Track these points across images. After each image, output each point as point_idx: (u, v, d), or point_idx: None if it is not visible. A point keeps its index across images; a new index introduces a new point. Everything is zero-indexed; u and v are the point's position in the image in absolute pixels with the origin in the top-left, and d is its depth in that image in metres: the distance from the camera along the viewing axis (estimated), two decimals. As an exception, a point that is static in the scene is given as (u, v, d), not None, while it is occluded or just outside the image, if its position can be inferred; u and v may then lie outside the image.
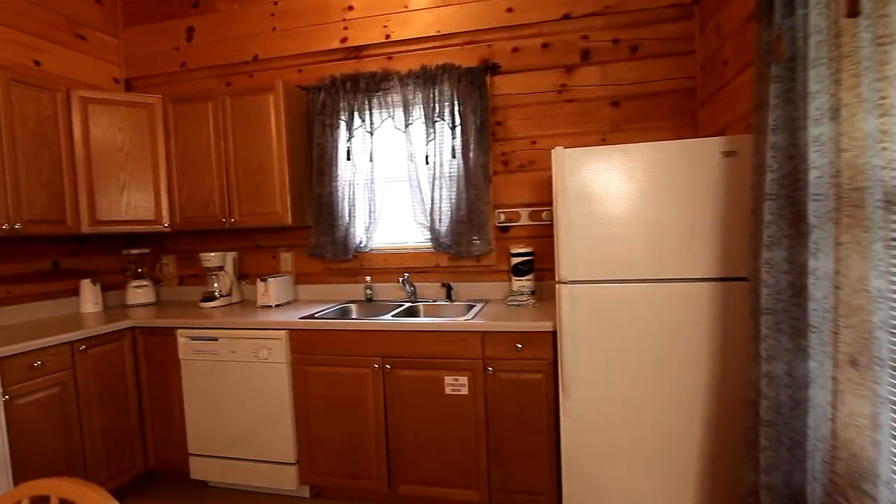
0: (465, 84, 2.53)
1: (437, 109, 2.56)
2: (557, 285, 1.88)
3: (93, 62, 3.02)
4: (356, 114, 2.70)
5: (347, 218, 2.74)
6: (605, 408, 1.88)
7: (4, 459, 1.93)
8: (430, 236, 2.62)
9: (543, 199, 2.60)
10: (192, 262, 3.18)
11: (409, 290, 2.68)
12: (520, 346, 2.02)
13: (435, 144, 2.57)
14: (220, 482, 2.50)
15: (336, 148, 2.72)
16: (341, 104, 2.71)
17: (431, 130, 2.57)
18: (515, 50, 2.60)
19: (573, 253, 1.88)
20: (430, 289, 2.74)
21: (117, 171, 2.69)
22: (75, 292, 2.89)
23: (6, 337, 2.19)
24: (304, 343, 2.29)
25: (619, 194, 1.84)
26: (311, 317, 2.35)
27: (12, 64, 2.58)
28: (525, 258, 2.47)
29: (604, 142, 2.52)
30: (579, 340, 1.88)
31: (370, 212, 2.74)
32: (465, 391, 2.09)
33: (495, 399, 2.08)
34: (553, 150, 1.89)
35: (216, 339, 2.39)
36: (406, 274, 2.71)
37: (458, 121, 2.54)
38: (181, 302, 3.11)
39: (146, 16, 3.13)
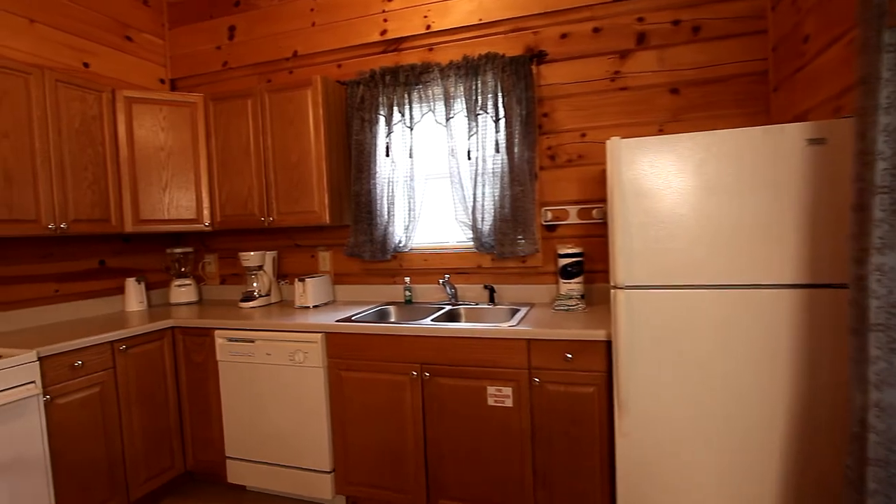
0: (510, 74, 2.35)
1: (479, 102, 2.39)
2: (613, 290, 1.68)
3: (139, 63, 3.03)
4: (395, 108, 2.57)
5: (386, 216, 2.62)
6: (666, 430, 1.66)
7: (45, 460, 1.91)
8: (471, 236, 2.46)
9: (594, 195, 2.38)
10: (234, 261, 3.15)
11: (449, 292, 2.52)
12: (570, 356, 1.82)
13: (477, 139, 2.41)
14: (255, 487, 2.43)
15: (375, 144, 2.60)
16: (380, 98, 2.58)
17: (474, 124, 2.41)
18: (564, 36, 2.40)
19: (631, 255, 1.67)
20: (471, 291, 2.57)
21: (160, 171, 2.67)
22: (121, 290, 2.91)
23: (54, 335, 2.19)
24: (340, 347, 2.18)
25: (684, 189, 1.61)
26: (348, 319, 2.24)
27: (63, 66, 2.61)
28: (574, 259, 2.27)
29: (661, 133, 2.28)
30: (637, 353, 1.67)
31: (410, 210, 2.60)
32: (509, 403, 1.91)
33: (542, 413, 1.89)
34: (608, 142, 1.69)
35: (252, 342, 2.32)
36: (447, 275, 2.56)
37: (501, 113, 2.36)
38: (223, 301, 3.08)
39: (190, 16, 3.12)
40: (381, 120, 2.60)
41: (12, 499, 1.80)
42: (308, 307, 2.64)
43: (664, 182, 1.63)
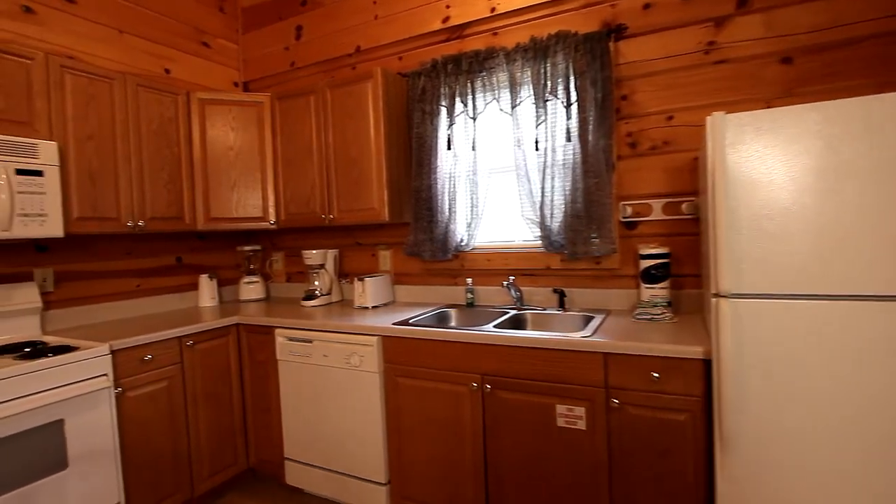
0: (583, 53, 2.06)
1: (549, 86, 2.13)
2: (714, 299, 1.36)
3: (215, 68, 3.08)
4: (458, 98, 2.37)
5: (447, 213, 2.42)
6: (782, 476, 1.31)
7: (115, 451, 1.92)
8: (539, 234, 2.19)
9: (682, 186, 2.03)
10: (299, 260, 3.11)
11: (514, 295, 2.28)
12: (656, 375, 1.51)
13: (546, 127, 2.14)
14: (311, 491, 2.33)
15: (436, 137, 2.42)
16: (442, 89, 2.39)
17: (542, 111, 2.15)
18: (647, 7, 2.06)
19: (738, 257, 1.34)
20: (539, 294, 2.31)
21: (229, 170, 2.68)
22: (196, 286, 2.96)
23: (133, 328, 2.23)
24: (396, 352, 2.01)
25: (808, 175, 1.26)
26: (406, 323, 2.07)
27: (147, 72, 2.68)
28: (659, 261, 1.93)
29: (769, 112, 1.88)
30: (747, 376, 1.34)
31: (472, 206, 2.39)
32: (581, 425, 1.64)
33: (622, 440, 1.60)
34: (709, 118, 1.36)
35: (310, 342, 2.22)
36: (511, 277, 2.31)
37: (573, 98, 2.08)
38: (288, 299, 3.05)
39: (261, 19, 3.13)
40: (443, 111, 2.41)
41: (85, 488, 1.82)
42: (367, 308, 2.51)
43: (783, 167, 1.29)
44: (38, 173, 1.92)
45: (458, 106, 2.37)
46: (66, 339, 2.05)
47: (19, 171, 1.86)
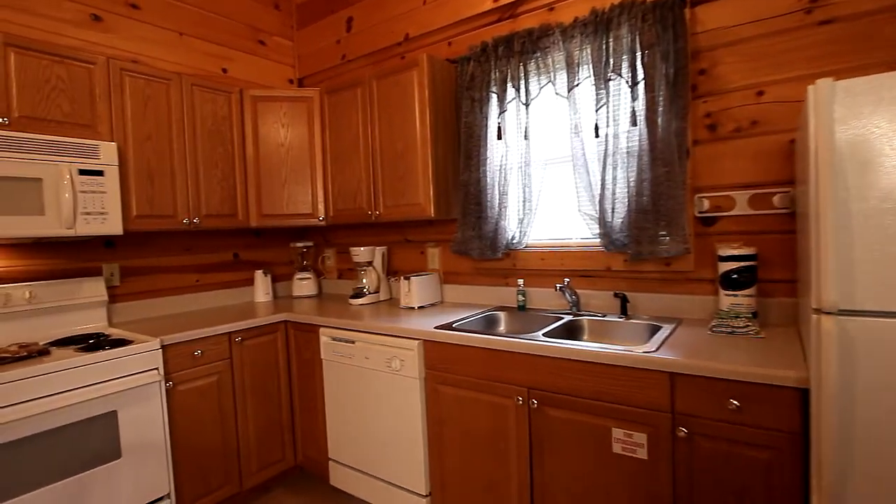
0: (652, 24, 1.80)
1: (611, 63, 1.89)
2: (815, 316, 1.09)
3: (271, 66, 3.13)
4: (509, 83, 2.19)
5: (497, 209, 2.26)
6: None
7: (165, 443, 1.98)
8: (598, 231, 1.97)
9: (774, 175, 1.71)
10: (349, 256, 3.10)
11: (570, 298, 2.07)
12: (736, 402, 1.27)
13: (608, 110, 1.91)
14: (354, 494, 2.29)
15: (485, 126, 2.26)
16: (492, 74, 2.23)
17: (603, 92, 1.92)
18: (733, -36, 1.76)
19: (848, 263, 1.06)
20: (597, 298, 2.08)
21: (280, 166, 2.69)
22: (251, 282, 3.04)
23: (188, 322, 2.30)
24: (438, 357, 1.90)
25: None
26: (449, 326, 1.94)
27: (205, 73, 2.77)
28: (743, 264, 1.65)
29: (894, 81, 1.53)
30: (858, 413, 1.06)
31: (524, 201, 2.21)
32: (641, 454, 1.43)
33: (689, 476, 1.36)
34: (812, 87, 1.10)
35: (353, 342, 2.16)
36: (566, 279, 2.11)
37: (640, 75, 1.83)
38: (338, 296, 3.04)
39: (314, 14, 3.12)
40: (493, 98, 2.25)
41: (136, 477, 1.89)
42: (413, 308, 2.41)
43: (913, 146, 1.00)
44: (100, 173, 2.01)
45: (510, 92, 2.20)
46: (126, 332, 2.15)
47: (82, 172, 1.96)
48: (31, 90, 1.87)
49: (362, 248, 2.63)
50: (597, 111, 1.94)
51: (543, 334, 1.76)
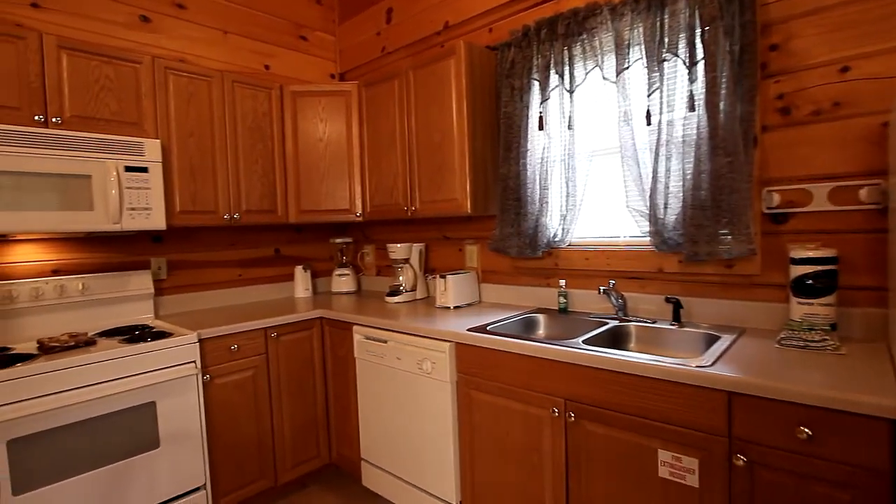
0: (716, -4, 1.61)
1: (666, 42, 1.72)
2: (910, 332, 0.91)
3: (313, 61, 3.16)
4: (552, 69, 2.06)
5: (538, 204, 2.14)
6: None
7: (201, 435, 2.02)
8: (649, 229, 1.81)
9: (861, 164, 1.48)
10: (387, 253, 3.07)
11: (615, 302, 1.92)
12: (808, 431, 1.09)
13: (661, 95, 1.74)
14: (385, 496, 2.25)
15: (526, 115, 2.14)
16: (534, 60, 2.10)
17: (656, 75, 1.75)
18: (814, -79, 1.54)
19: (958, 268, 0.88)
20: (647, 303, 1.92)
21: (318, 162, 2.70)
22: (292, 277, 3.09)
23: (230, 316, 2.36)
24: (470, 361, 1.81)
25: None
26: (483, 329, 1.85)
27: (249, 70, 2.82)
28: (821, 267, 1.44)
29: None
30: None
31: (568, 195, 2.07)
32: (692, 481, 1.28)
33: (750, 509, 1.20)
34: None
35: (385, 342, 2.12)
36: (612, 281, 1.95)
37: (700, 54, 1.65)
38: (376, 293, 3.03)
39: (355, 6, 3.11)
40: (535, 86, 2.12)
41: (174, 467, 1.94)
42: (448, 308, 2.34)
43: None
44: (144, 170, 2.09)
45: (553, 79, 2.06)
46: (168, 324, 2.22)
47: (127, 168, 2.04)
48: (81, 90, 1.96)
49: (399, 245, 2.59)
50: (649, 96, 1.77)
51: (584, 341, 1.63)
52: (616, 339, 1.82)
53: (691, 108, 1.67)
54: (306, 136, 2.68)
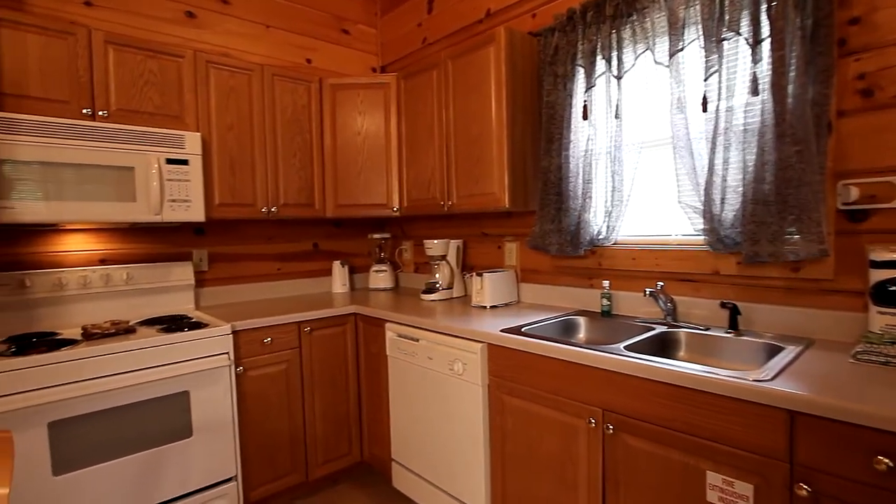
0: (786, -35, 1.46)
1: (726, 19, 1.57)
2: None
3: (354, 55, 3.17)
4: (599, 54, 1.95)
5: (580, 199, 2.03)
6: None
7: (233, 427, 2.06)
8: (703, 226, 1.67)
9: (964, 156, 1.30)
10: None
11: (664, 306, 1.79)
12: (888, 462, 0.95)
13: (720, 78, 1.60)
14: (414, 500, 2.22)
15: (570, 105, 2.04)
16: (579, 45, 2.00)
17: (715, 56, 1.61)
18: None
19: None
20: (700, 308, 1.77)
21: (356, 155, 2.71)
22: (330, 272, 3.12)
23: (266, 309, 2.40)
24: (503, 363, 1.74)
25: None
26: (517, 330, 1.78)
27: (290, 64, 2.87)
28: (907, 272, 1.27)
29: None
30: None
31: (613, 190, 1.95)
32: (746, 509, 1.15)
33: (815, 545, 1.07)
34: None
35: (417, 341, 2.09)
36: (660, 283, 1.82)
37: (765, 31, 1.50)
38: (412, 290, 3.00)
39: (397, -2, 3.11)
40: (579, 73, 2.02)
41: (205, 457, 1.99)
42: (484, 307, 2.28)
43: None
44: (185, 162, 2.15)
45: (600, 65, 1.95)
46: (206, 315, 2.29)
47: (169, 161, 2.11)
48: (127, 84, 2.04)
49: (436, 241, 2.55)
50: (705, 80, 1.63)
51: (627, 347, 1.52)
52: (663, 346, 1.69)
53: (754, 91, 1.52)
54: (344, 130, 2.69)
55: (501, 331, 1.77)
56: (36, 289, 2.04)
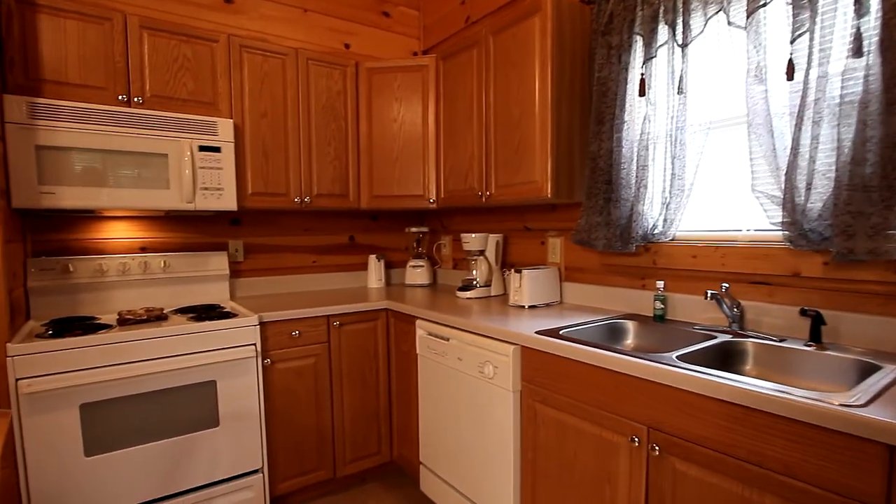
0: None
1: (816, -31, 1.34)
2: None
3: (394, 38, 3.10)
4: (661, 20, 1.74)
5: (634, 188, 1.83)
6: None
7: (259, 419, 2.04)
8: (782, 218, 1.43)
9: None
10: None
11: (729, 311, 1.56)
12: None
13: (811, 39, 1.36)
14: (447, 510, 2.12)
15: (625, 80, 1.84)
16: (638, 10, 1.79)
17: (805, 12, 1.36)
18: None
19: None
20: (773, 315, 1.53)
21: (391, 143, 2.63)
22: (366, 266, 3.07)
23: (299, 300, 2.40)
24: (536, 368, 1.59)
25: None
26: (554, 333, 1.62)
27: (328, 49, 2.84)
28: None
29: None
30: None
31: (673, 177, 1.74)
32: (826, 566, 0.95)
33: None
34: None
35: (447, 340, 1.98)
36: (725, 284, 1.60)
37: (869, -21, 1.25)
38: (450, 287, 2.89)
39: (441, -23, 3.00)
40: (637, 43, 1.82)
41: (232, 447, 1.98)
42: (522, 307, 2.13)
43: None
44: (217, 149, 2.16)
45: (661, 33, 1.75)
46: (238, 306, 2.29)
47: (201, 148, 2.12)
48: (161, 70, 2.07)
49: (473, 235, 2.42)
50: (792, 42, 1.40)
51: (679, 357, 1.33)
52: (725, 358, 1.47)
53: (857, 52, 1.27)
54: (380, 116, 2.62)
55: (536, 332, 1.62)
56: (79, 274, 2.12)
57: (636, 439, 1.28)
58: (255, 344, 2.04)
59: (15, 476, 1.59)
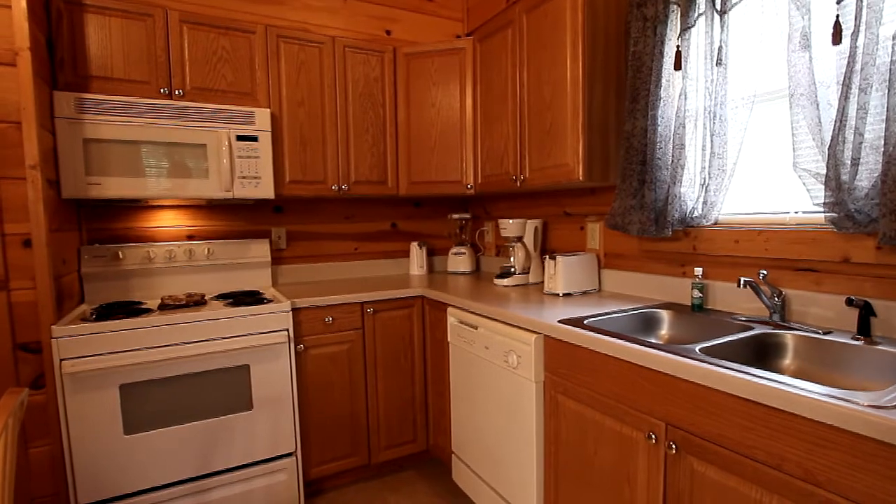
0: None
1: (870, -83, 1.24)
2: None
3: (437, 23, 3.15)
4: (699, -12, 1.68)
5: (670, 169, 1.78)
6: None
7: (292, 404, 2.20)
8: (828, 199, 1.35)
9: None
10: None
11: (768, 301, 1.50)
12: None
13: (859, 1, 1.27)
14: (470, 497, 2.17)
15: (661, 53, 1.79)
16: (675, -21, 1.74)
17: (852, -30, 1.28)
18: None
19: None
20: (819, 305, 1.45)
21: (429, 128, 2.70)
22: (408, 253, 3.18)
23: (340, 287, 2.54)
24: (559, 359, 1.61)
25: None
26: (579, 322, 1.63)
27: (369, 36, 2.94)
28: None
29: None
30: None
31: (712, 156, 1.68)
32: (840, 571, 0.91)
33: None
34: None
35: (475, 328, 2.03)
36: (763, 272, 1.53)
37: (931, -75, 1.15)
38: (491, 275, 2.93)
39: (482, -46, 3.01)
40: (674, 13, 1.76)
41: (265, 430, 2.14)
42: (557, 295, 2.13)
43: None
44: (254, 139, 2.33)
45: (699, 3, 1.68)
46: (276, 292, 2.46)
47: (239, 138, 2.30)
48: (201, 63, 2.26)
49: (511, 221, 2.45)
50: (839, 2, 1.31)
51: (703, 349, 1.30)
52: (761, 351, 1.42)
53: (909, 11, 1.18)
54: (418, 102, 2.70)
55: (559, 321, 1.63)
56: (128, 261, 2.37)
57: (653, 436, 1.28)
58: (287, 329, 2.19)
59: (60, 450, 1.82)
